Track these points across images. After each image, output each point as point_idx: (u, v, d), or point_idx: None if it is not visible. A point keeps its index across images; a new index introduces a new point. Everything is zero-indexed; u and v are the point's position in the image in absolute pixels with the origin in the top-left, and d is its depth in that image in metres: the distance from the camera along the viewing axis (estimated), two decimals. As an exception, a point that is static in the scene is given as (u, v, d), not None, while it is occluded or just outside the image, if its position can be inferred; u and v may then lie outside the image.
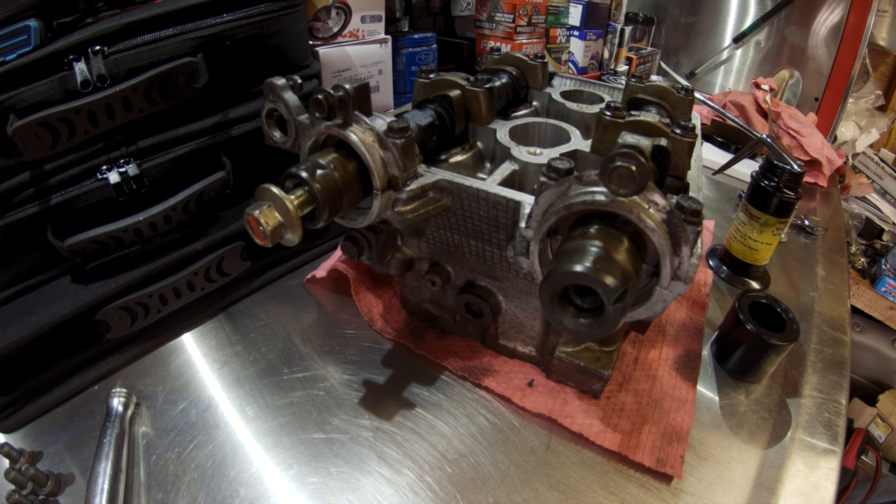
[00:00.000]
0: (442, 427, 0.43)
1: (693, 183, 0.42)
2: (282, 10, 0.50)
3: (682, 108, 0.54)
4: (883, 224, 1.43)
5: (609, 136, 0.43)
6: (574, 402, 0.45)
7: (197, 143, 0.48)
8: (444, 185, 0.38)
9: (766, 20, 1.35)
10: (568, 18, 1.19)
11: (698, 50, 1.52)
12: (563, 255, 0.25)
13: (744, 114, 1.10)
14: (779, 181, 0.59)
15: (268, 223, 0.30)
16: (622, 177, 0.23)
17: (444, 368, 0.48)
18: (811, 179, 1.01)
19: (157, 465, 0.39)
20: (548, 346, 0.46)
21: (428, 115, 0.45)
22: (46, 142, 0.39)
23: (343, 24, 0.72)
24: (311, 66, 0.58)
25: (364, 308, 0.53)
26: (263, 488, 0.38)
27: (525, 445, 0.42)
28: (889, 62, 1.57)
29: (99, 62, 0.40)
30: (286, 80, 0.38)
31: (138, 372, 0.47)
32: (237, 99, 0.51)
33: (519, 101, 0.60)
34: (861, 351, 1.35)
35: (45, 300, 0.43)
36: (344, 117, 0.35)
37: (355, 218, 0.39)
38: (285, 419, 0.43)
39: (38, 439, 0.41)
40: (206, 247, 0.50)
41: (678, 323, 0.55)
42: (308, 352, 0.49)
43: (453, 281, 0.47)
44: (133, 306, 0.45)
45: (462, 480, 0.39)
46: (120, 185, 0.44)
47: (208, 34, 0.45)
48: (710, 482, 0.40)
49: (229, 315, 0.54)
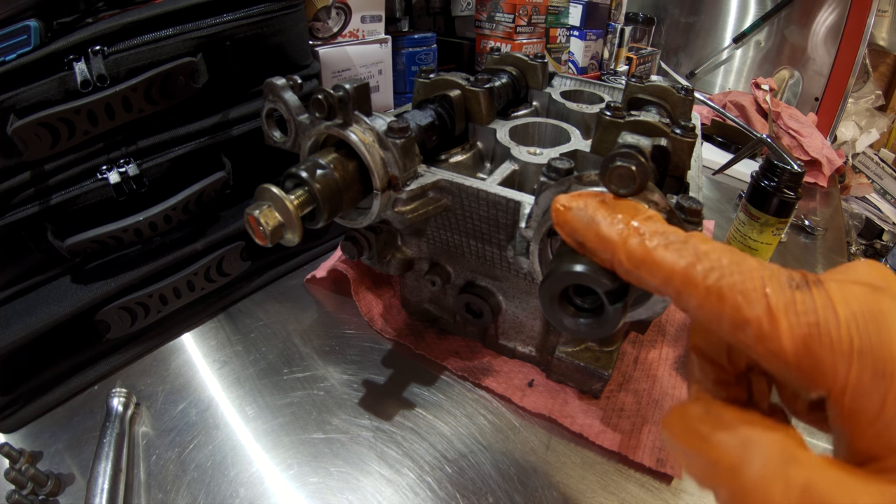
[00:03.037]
0: (442, 427, 0.43)
1: (693, 183, 0.42)
2: (282, 10, 0.50)
3: (682, 108, 0.54)
4: (883, 224, 1.43)
5: (609, 136, 0.43)
6: (574, 402, 0.45)
7: (197, 143, 0.48)
8: (444, 185, 0.38)
9: (766, 20, 1.35)
10: (568, 18, 1.19)
11: (698, 50, 1.52)
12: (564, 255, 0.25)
13: (744, 114, 1.10)
14: (779, 181, 0.59)
15: (268, 223, 0.30)
16: (622, 177, 0.23)
17: (444, 368, 0.48)
18: (811, 179, 1.01)
19: (157, 465, 0.39)
20: (548, 346, 0.46)
21: (428, 115, 0.45)
22: (46, 142, 0.39)
23: (343, 24, 0.72)
24: (311, 66, 0.58)
25: (364, 308, 0.53)
26: (263, 488, 0.38)
27: (525, 445, 0.42)
28: (889, 62, 1.57)
29: (99, 62, 0.40)
30: (286, 80, 0.38)
31: (138, 372, 0.47)
32: (237, 99, 0.51)
33: (519, 101, 0.59)
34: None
35: (45, 300, 0.43)
36: (344, 117, 0.35)
37: (355, 218, 0.39)
38: (285, 419, 0.43)
39: (38, 439, 0.41)
40: (206, 247, 0.50)
41: (678, 323, 0.55)
42: (308, 352, 0.49)
43: (453, 281, 0.47)
44: (133, 306, 0.45)
45: (462, 480, 0.39)
46: (120, 185, 0.44)
47: (208, 34, 0.45)
48: (710, 482, 0.40)
49: (229, 315, 0.54)
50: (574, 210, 0.20)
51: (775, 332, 0.15)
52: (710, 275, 0.16)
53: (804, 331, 0.14)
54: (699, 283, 0.16)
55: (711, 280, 0.16)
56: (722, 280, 0.16)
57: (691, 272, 0.16)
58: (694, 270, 0.16)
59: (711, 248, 0.17)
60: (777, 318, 0.15)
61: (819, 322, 0.14)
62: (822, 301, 0.15)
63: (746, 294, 0.15)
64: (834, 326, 0.14)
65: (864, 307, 0.15)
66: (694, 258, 0.16)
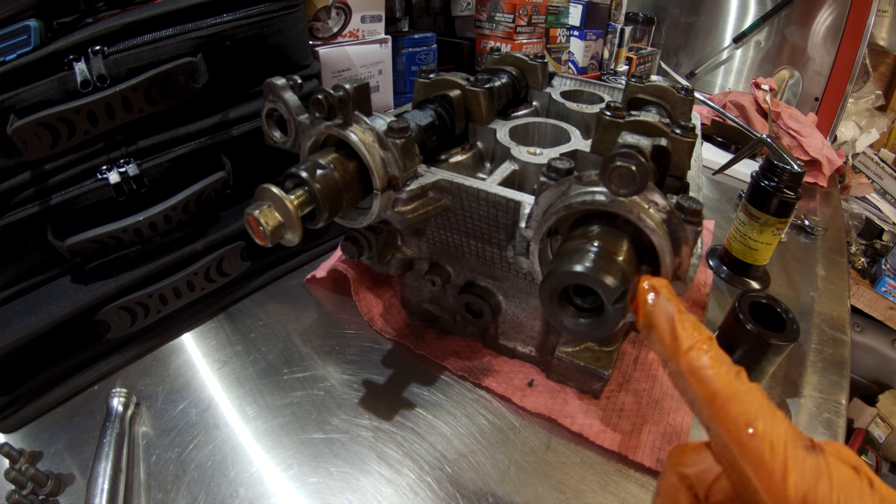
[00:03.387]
0: (442, 427, 0.43)
1: (693, 183, 0.42)
2: (282, 10, 0.50)
3: (682, 108, 0.54)
4: (883, 224, 1.43)
5: (609, 136, 0.43)
6: (574, 402, 0.45)
7: (197, 143, 0.48)
8: (444, 185, 0.38)
9: (766, 20, 1.35)
10: (568, 18, 1.19)
11: (698, 50, 1.52)
12: (563, 255, 0.25)
13: (744, 114, 1.10)
14: (779, 181, 0.59)
15: (268, 223, 0.30)
16: (622, 177, 0.23)
17: (444, 368, 0.48)
18: (811, 179, 1.01)
19: (157, 465, 0.39)
20: (548, 346, 0.46)
21: (428, 115, 0.45)
22: (46, 142, 0.39)
23: (343, 24, 0.72)
24: (311, 66, 0.58)
25: (364, 308, 0.53)
26: (263, 488, 0.38)
27: (525, 445, 0.42)
28: (889, 62, 1.57)
29: (99, 62, 0.40)
30: (286, 80, 0.38)
31: (138, 372, 0.47)
32: (237, 99, 0.51)
33: (519, 101, 0.59)
34: (861, 351, 1.35)
35: (45, 300, 0.43)
36: (344, 117, 0.35)
37: (355, 218, 0.39)
38: (285, 419, 0.43)
39: (38, 439, 0.41)
40: (206, 247, 0.50)
41: (678, 323, 0.55)
42: (308, 352, 0.49)
43: (453, 281, 0.47)
44: (133, 306, 0.45)
45: (462, 480, 0.39)
46: (120, 185, 0.44)
47: (208, 34, 0.45)
48: (710, 482, 0.40)
49: (229, 315, 0.54)
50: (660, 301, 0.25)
51: (784, 482, 0.19)
52: (749, 416, 0.20)
53: (807, 485, 0.19)
54: (740, 423, 0.20)
55: (748, 420, 0.20)
56: (757, 423, 0.20)
57: (731, 407, 0.20)
58: (737, 406, 0.20)
59: (754, 392, 0.21)
60: (790, 472, 0.19)
61: (819, 486, 0.19)
62: (824, 467, 0.19)
63: (774, 446, 0.19)
64: (826, 492, 0.18)
65: (850, 482, 0.19)
66: (743, 395, 0.21)
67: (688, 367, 0.22)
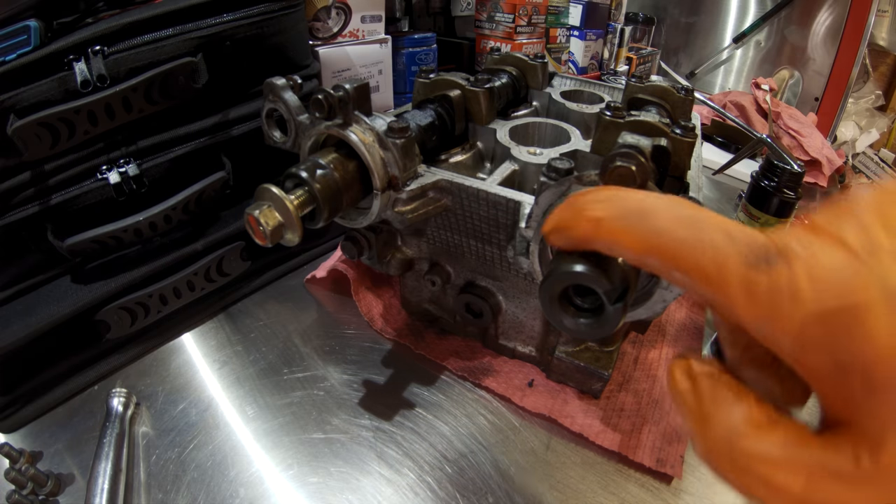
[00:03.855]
0: (442, 427, 0.43)
1: (693, 183, 0.42)
2: (282, 10, 0.50)
3: (682, 108, 0.54)
4: (883, 224, 1.42)
5: (609, 136, 0.43)
6: (574, 402, 0.45)
7: (197, 143, 0.48)
8: (444, 185, 0.38)
9: (766, 20, 1.35)
10: (568, 18, 1.19)
11: (698, 50, 1.52)
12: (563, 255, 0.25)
13: (744, 114, 1.10)
14: (779, 181, 0.59)
15: (268, 223, 0.30)
16: (622, 177, 0.23)
17: (444, 368, 0.48)
18: (811, 179, 1.01)
19: (157, 465, 0.39)
20: (548, 346, 0.46)
21: (428, 115, 0.45)
22: (46, 142, 0.39)
23: (343, 24, 0.72)
24: (311, 66, 0.58)
25: (364, 308, 0.53)
26: (263, 488, 0.38)
27: (525, 445, 0.42)
28: (889, 62, 1.57)
29: (99, 62, 0.40)
30: (286, 80, 0.38)
31: (138, 372, 0.47)
32: (237, 99, 0.51)
33: (519, 101, 0.59)
34: (861, 351, 1.34)
35: (45, 300, 0.43)
36: (344, 117, 0.35)
37: (355, 218, 0.39)
38: (285, 419, 0.43)
39: (38, 439, 0.41)
40: (206, 247, 0.50)
41: (678, 323, 0.55)
42: (308, 352, 0.49)
43: (453, 281, 0.47)
44: (133, 306, 0.45)
45: (462, 480, 0.39)
46: (120, 185, 0.44)
47: (208, 34, 0.45)
48: (710, 482, 0.40)
49: (229, 315, 0.54)
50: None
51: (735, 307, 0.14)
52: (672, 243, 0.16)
53: (762, 313, 0.14)
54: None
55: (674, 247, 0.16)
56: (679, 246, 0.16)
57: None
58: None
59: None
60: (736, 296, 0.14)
61: (779, 311, 0.13)
62: (785, 283, 0.13)
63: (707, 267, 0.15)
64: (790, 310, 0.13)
65: (838, 299, 0.13)
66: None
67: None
